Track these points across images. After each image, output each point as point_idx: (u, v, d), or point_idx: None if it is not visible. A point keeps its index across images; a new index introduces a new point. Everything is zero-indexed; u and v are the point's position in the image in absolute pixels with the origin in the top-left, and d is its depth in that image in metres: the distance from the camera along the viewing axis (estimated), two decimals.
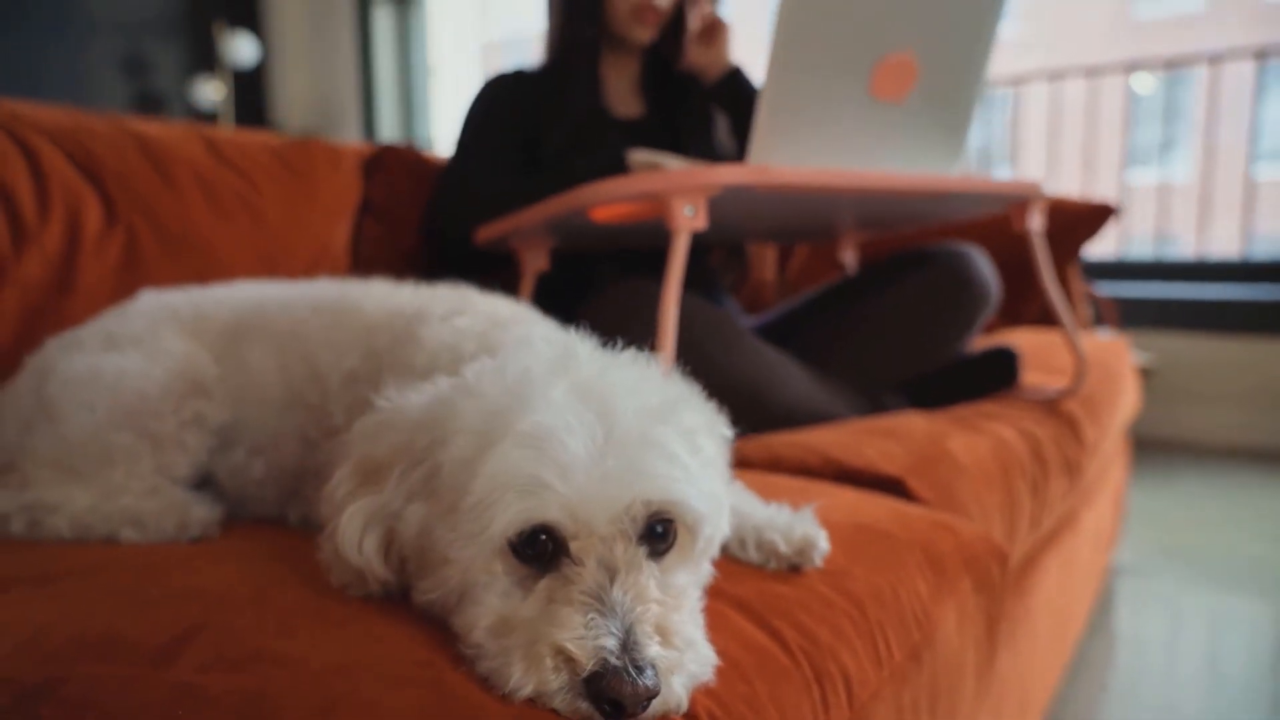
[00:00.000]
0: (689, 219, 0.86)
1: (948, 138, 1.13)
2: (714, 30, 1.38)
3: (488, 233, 1.13)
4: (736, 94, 1.38)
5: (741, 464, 0.92)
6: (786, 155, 0.99)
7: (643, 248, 1.23)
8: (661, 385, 0.48)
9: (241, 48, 5.13)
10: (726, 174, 0.86)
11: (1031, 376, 1.39)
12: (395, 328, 0.62)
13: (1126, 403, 1.64)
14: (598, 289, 1.24)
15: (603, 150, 1.15)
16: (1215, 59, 3.12)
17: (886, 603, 0.56)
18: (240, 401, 0.67)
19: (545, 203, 0.99)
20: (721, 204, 0.91)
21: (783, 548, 0.56)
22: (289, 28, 5.57)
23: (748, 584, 0.53)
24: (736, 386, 1.05)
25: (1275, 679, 1.37)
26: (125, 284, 0.93)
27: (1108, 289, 3.03)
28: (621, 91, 1.42)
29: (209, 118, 5.23)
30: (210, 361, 0.68)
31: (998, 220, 1.24)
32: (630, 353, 0.52)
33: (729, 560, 0.57)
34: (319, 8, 5.47)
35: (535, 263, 1.17)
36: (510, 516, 0.40)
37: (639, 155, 1.13)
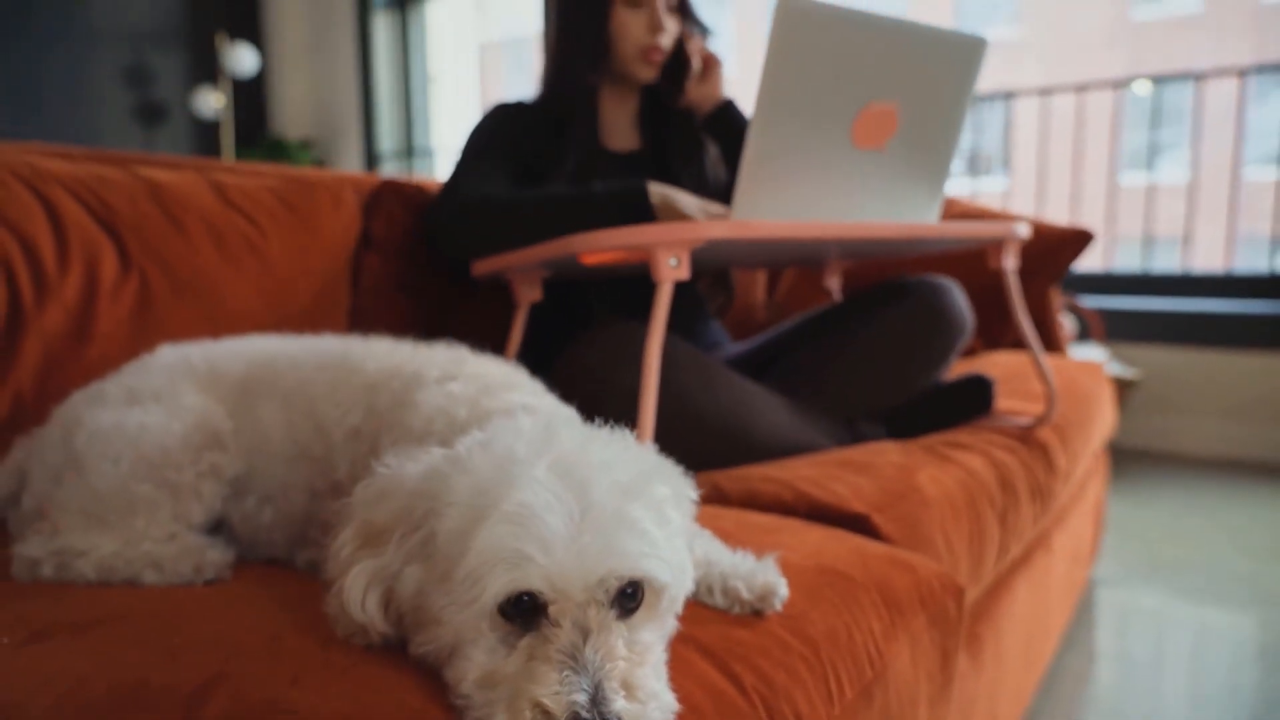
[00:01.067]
0: (673, 269, 0.92)
1: (928, 182, 1.19)
2: (709, 66, 1.44)
3: (483, 267, 1.19)
4: (728, 125, 1.44)
5: (721, 500, 0.98)
6: (770, 201, 1.04)
7: (635, 276, 1.29)
8: (634, 459, 0.53)
9: (242, 57, 5.19)
10: (711, 229, 0.92)
11: (1010, 401, 1.45)
12: (394, 389, 0.68)
13: (1102, 423, 1.70)
14: (589, 325, 1.30)
15: (628, 180, 1.20)
16: (1201, 76, 3.18)
17: (840, 643, 0.62)
18: (252, 453, 0.73)
19: (537, 246, 1.05)
20: (709, 246, 0.96)
21: (745, 594, 0.61)
22: (289, 38, 5.63)
23: (712, 629, 0.59)
24: (719, 424, 1.11)
25: (1258, 693, 1.43)
26: (139, 330, 0.98)
27: (1094, 302, 3.10)
28: (620, 127, 1.48)
29: (210, 126, 5.29)
30: (224, 415, 0.74)
31: (981, 250, 1.29)
32: (607, 429, 0.57)
33: (698, 605, 0.63)
34: (319, 17, 5.53)
35: (529, 294, 1.22)
36: (498, 587, 0.46)
37: (657, 188, 1.18)
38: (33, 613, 0.58)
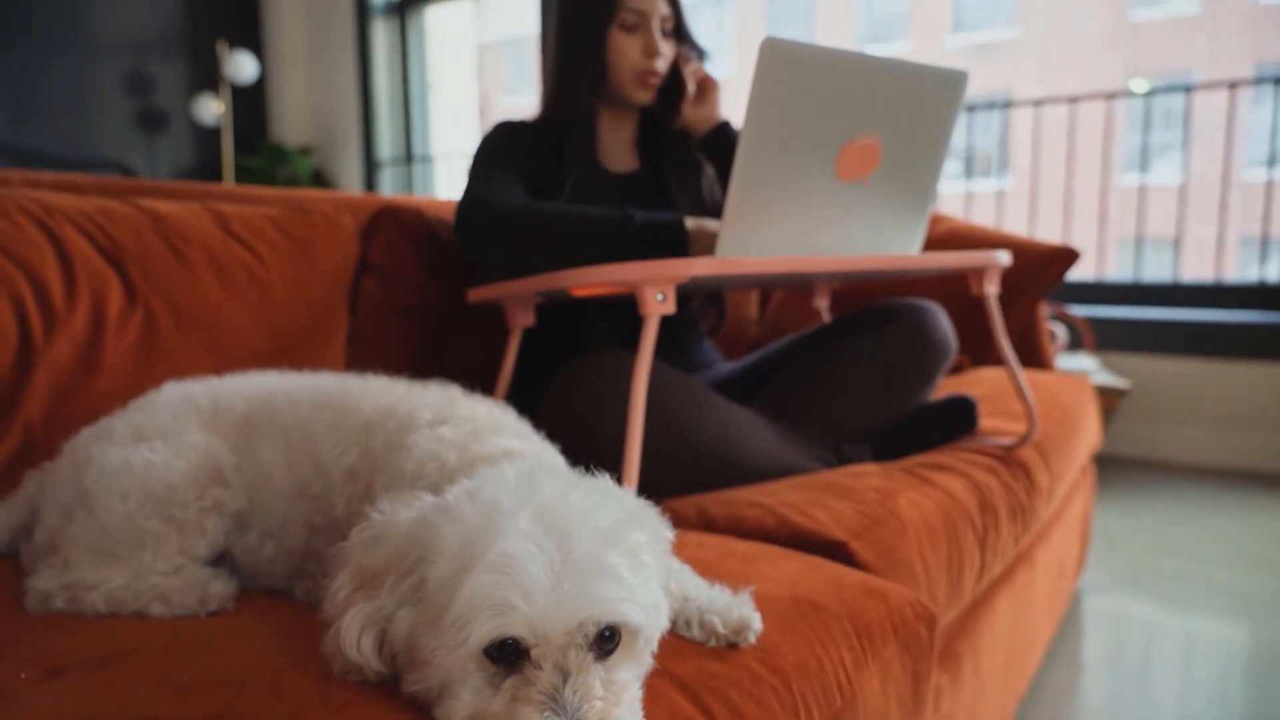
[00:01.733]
0: (660, 304, 0.96)
1: (911, 211, 1.23)
2: (705, 87, 1.47)
3: (478, 295, 1.23)
4: (724, 146, 1.47)
5: (708, 525, 1.02)
6: (756, 234, 1.08)
7: (625, 300, 1.32)
8: (613, 506, 0.57)
9: (242, 65, 5.23)
10: (696, 266, 0.95)
11: (994, 420, 1.49)
12: (388, 430, 0.71)
13: (1087, 438, 1.74)
14: (585, 344, 1.33)
15: (667, 213, 1.23)
16: (1191, 87, 3.21)
17: (811, 675, 0.65)
18: (253, 489, 0.77)
19: (532, 279, 1.09)
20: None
21: (721, 629, 0.65)
22: (289, 45, 5.67)
23: (688, 662, 0.62)
24: (707, 448, 1.15)
25: (1247, 704, 1.46)
26: (144, 361, 1.02)
27: (1085, 311, 3.13)
28: (618, 148, 1.51)
29: (210, 133, 5.33)
30: (228, 451, 0.77)
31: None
32: (588, 475, 0.61)
33: (676, 637, 0.66)
34: (318, 24, 5.56)
35: (522, 320, 1.26)
36: (484, 633, 0.49)
37: (693, 223, 1.22)
38: (49, 648, 0.62)
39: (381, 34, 5.37)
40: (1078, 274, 3.37)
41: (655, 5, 1.40)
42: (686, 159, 1.51)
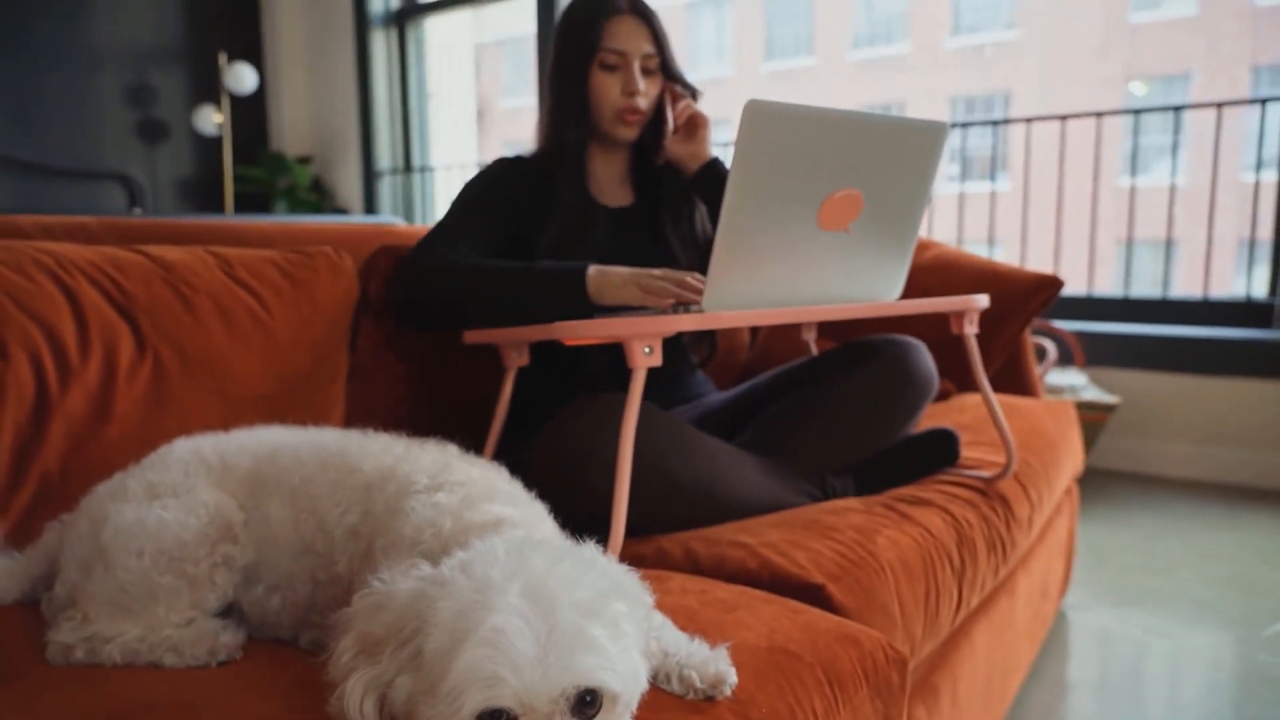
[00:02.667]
0: (647, 357, 1.00)
1: (893, 257, 1.27)
2: (694, 124, 1.52)
3: (473, 338, 1.27)
4: (715, 183, 1.51)
5: (694, 566, 1.07)
6: (741, 283, 1.13)
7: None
8: (596, 577, 0.61)
9: (242, 76, 5.27)
10: (681, 322, 1.00)
11: (977, 450, 1.53)
12: (388, 493, 0.76)
13: (1070, 463, 1.78)
14: (581, 378, 1.38)
15: (571, 263, 1.27)
16: (1180, 108, 3.26)
17: None
18: (261, 545, 0.81)
19: (523, 328, 1.13)
20: None
21: (699, 683, 0.69)
22: (288, 56, 5.72)
23: (667, 714, 0.67)
24: (695, 487, 1.19)
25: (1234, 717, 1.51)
26: (154, 408, 1.06)
27: (1075, 326, 3.18)
28: (611, 183, 1.56)
29: (210, 143, 5.38)
30: (236, 508, 0.82)
31: (956, 289, 1.37)
32: (576, 546, 0.65)
33: (656, 691, 0.71)
34: (317, 35, 5.60)
35: (517, 360, 1.30)
36: (475, 703, 0.54)
37: (596, 271, 1.24)
38: (74, 702, 0.66)
39: (381, 44, 5.41)
40: (1068, 289, 3.41)
41: (637, 45, 1.45)
42: (679, 193, 1.56)
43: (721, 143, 4.54)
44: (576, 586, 0.59)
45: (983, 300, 1.31)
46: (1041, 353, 3.10)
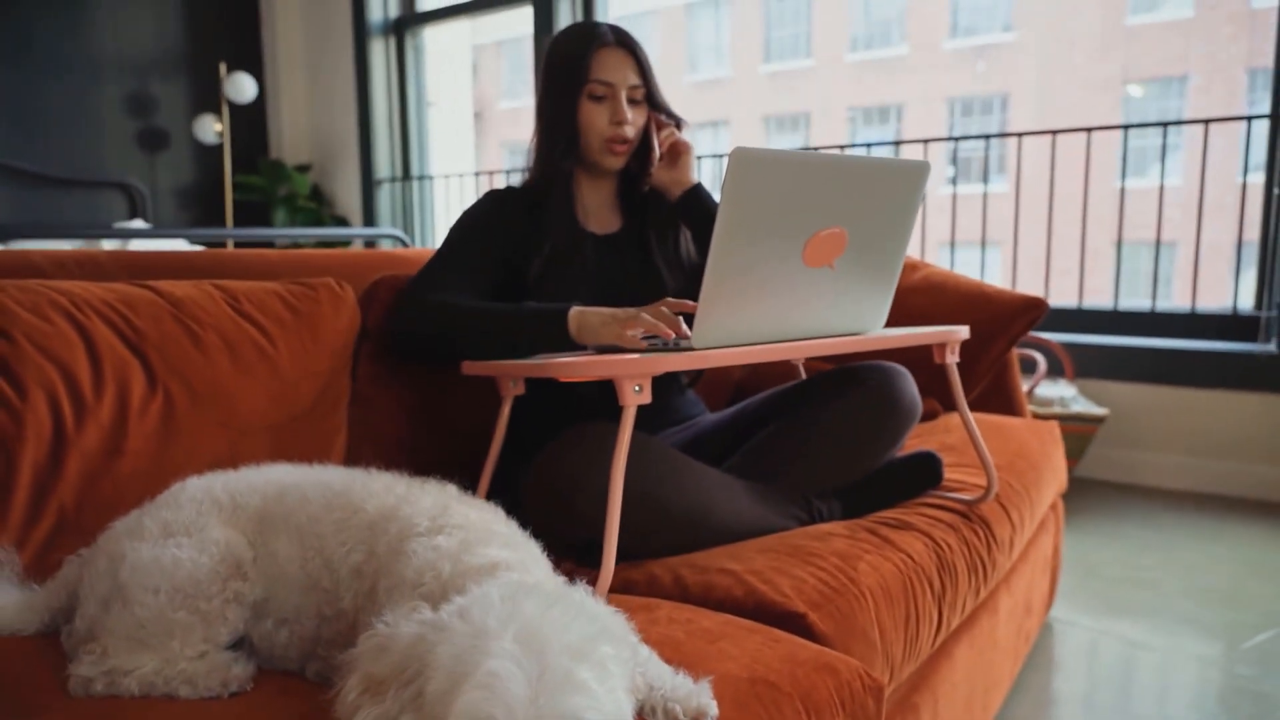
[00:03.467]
0: (636, 395, 1.05)
1: (877, 290, 1.32)
2: (677, 151, 1.57)
3: (471, 370, 1.32)
4: (698, 209, 1.56)
5: (682, 594, 1.11)
6: (729, 319, 1.17)
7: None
8: (585, 622, 0.66)
9: (242, 86, 5.32)
10: (670, 362, 1.05)
11: (960, 472, 1.58)
12: (391, 534, 0.81)
13: (1053, 483, 1.83)
14: (577, 406, 1.42)
15: (558, 304, 1.31)
16: (1167, 124, 3.30)
17: None
18: (270, 581, 0.86)
19: (518, 363, 1.18)
20: None
21: (682, 717, 0.74)
22: (287, 65, 5.77)
23: None
24: (685, 515, 1.24)
25: None
26: (164, 442, 1.11)
27: (1066, 338, 3.23)
28: (600, 210, 1.61)
29: (210, 151, 5.43)
30: (246, 546, 0.87)
31: (943, 310, 1.42)
32: (568, 591, 0.70)
33: None
34: (317, 45, 5.65)
35: (513, 390, 1.35)
36: None
37: (576, 312, 1.29)
38: None
39: (380, 53, 5.45)
40: (1059, 300, 3.46)
41: (623, 76, 1.50)
42: (665, 219, 1.61)
43: (715, 156, 4.59)
44: (566, 631, 0.64)
45: (962, 332, 1.36)
46: (1032, 365, 3.15)
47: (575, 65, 1.49)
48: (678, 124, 1.58)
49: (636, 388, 1.04)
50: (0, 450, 0.97)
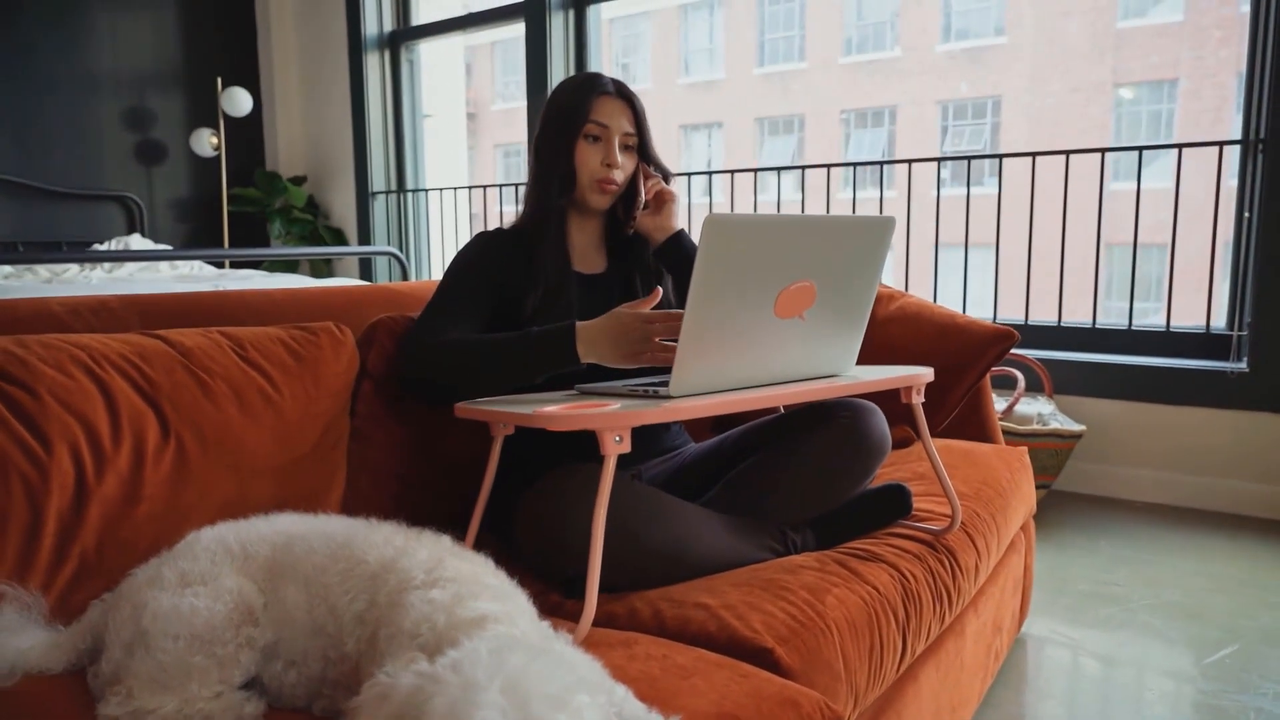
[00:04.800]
0: (617, 445, 1.13)
1: (846, 336, 1.41)
2: (662, 199, 1.66)
3: (463, 413, 1.40)
4: (679, 255, 1.65)
5: (660, 628, 1.19)
6: (705, 370, 1.25)
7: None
8: (565, 672, 0.74)
9: (238, 100, 5.39)
10: (648, 416, 1.13)
11: (931, 500, 1.66)
12: (390, 585, 0.89)
13: (1020, 509, 1.91)
14: (559, 454, 1.50)
15: (560, 323, 1.40)
16: (1143, 148, 3.39)
17: None
18: (278, 627, 0.94)
19: (506, 412, 1.26)
20: None
21: None
22: (283, 79, 5.84)
23: None
24: (665, 551, 1.32)
25: None
26: (176, 487, 1.19)
27: (1045, 355, 3.32)
28: (586, 250, 1.69)
29: (207, 164, 5.50)
30: (257, 593, 0.95)
31: (918, 340, 1.49)
32: (550, 642, 0.78)
33: None
34: (312, 59, 5.72)
35: (503, 431, 1.43)
36: None
37: (584, 328, 1.38)
38: None
39: (375, 67, 5.52)
40: (1038, 316, 3.56)
41: (618, 123, 1.59)
42: (649, 262, 1.69)
43: (707, 170, 4.66)
44: (547, 683, 0.72)
45: (927, 375, 1.44)
46: (1012, 382, 3.24)
47: (575, 109, 1.58)
48: (665, 176, 1.66)
49: (617, 438, 1.13)
50: (28, 501, 1.05)
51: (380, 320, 1.59)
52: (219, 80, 5.43)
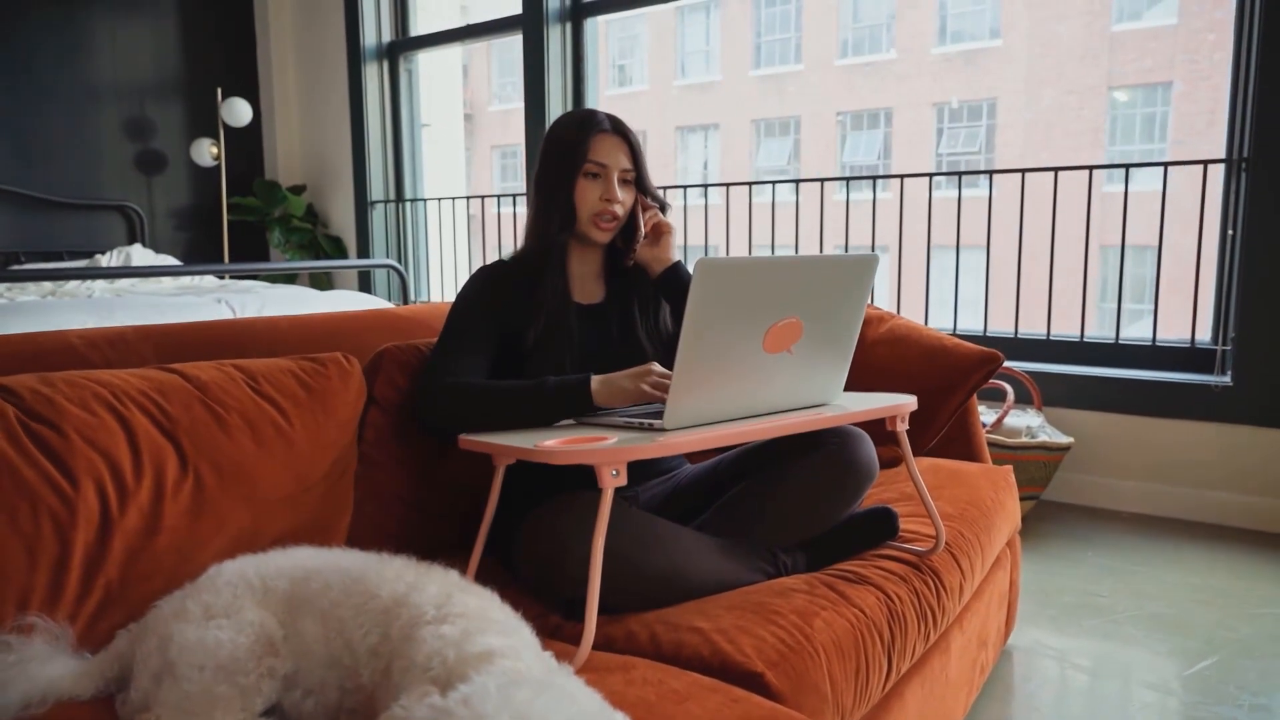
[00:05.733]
0: (614, 479, 1.19)
1: (832, 368, 1.47)
2: (659, 231, 1.72)
3: (467, 445, 1.46)
4: (676, 285, 1.71)
5: (656, 651, 1.25)
6: (698, 403, 1.32)
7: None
8: (566, 704, 0.80)
9: (237, 110, 5.45)
10: (643, 451, 1.19)
11: (917, 521, 1.72)
12: (403, 620, 0.95)
13: (1004, 528, 1.97)
14: (560, 481, 1.56)
15: (575, 377, 1.46)
16: (1130, 165, 3.45)
17: None
18: (297, 657, 1.00)
19: (511, 446, 1.32)
20: None
21: None
22: (282, 89, 5.90)
23: None
24: (660, 575, 1.38)
25: None
26: (194, 518, 1.24)
27: (1034, 368, 3.39)
28: (586, 280, 1.75)
29: (207, 173, 5.55)
30: (276, 625, 1.01)
31: (906, 362, 1.55)
32: (552, 676, 0.84)
33: None
34: (311, 69, 5.78)
35: (505, 460, 1.48)
36: None
37: (600, 382, 1.44)
38: None
39: (373, 78, 5.58)
40: (1027, 329, 3.63)
41: (616, 160, 1.65)
42: (646, 291, 1.75)
43: (703, 183, 4.72)
44: (550, 715, 0.78)
45: (910, 404, 1.51)
46: (1002, 395, 3.30)
47: (574, 147, 1.64)
48: (662, 207, 1.72)
49: (614, 472, 1.19)
50: (57, 536, 1.11)
51: (387, 350, 1.65)
52: (219, 90, 5.49)
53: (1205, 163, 3.19)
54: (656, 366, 1.44)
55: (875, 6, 17.79)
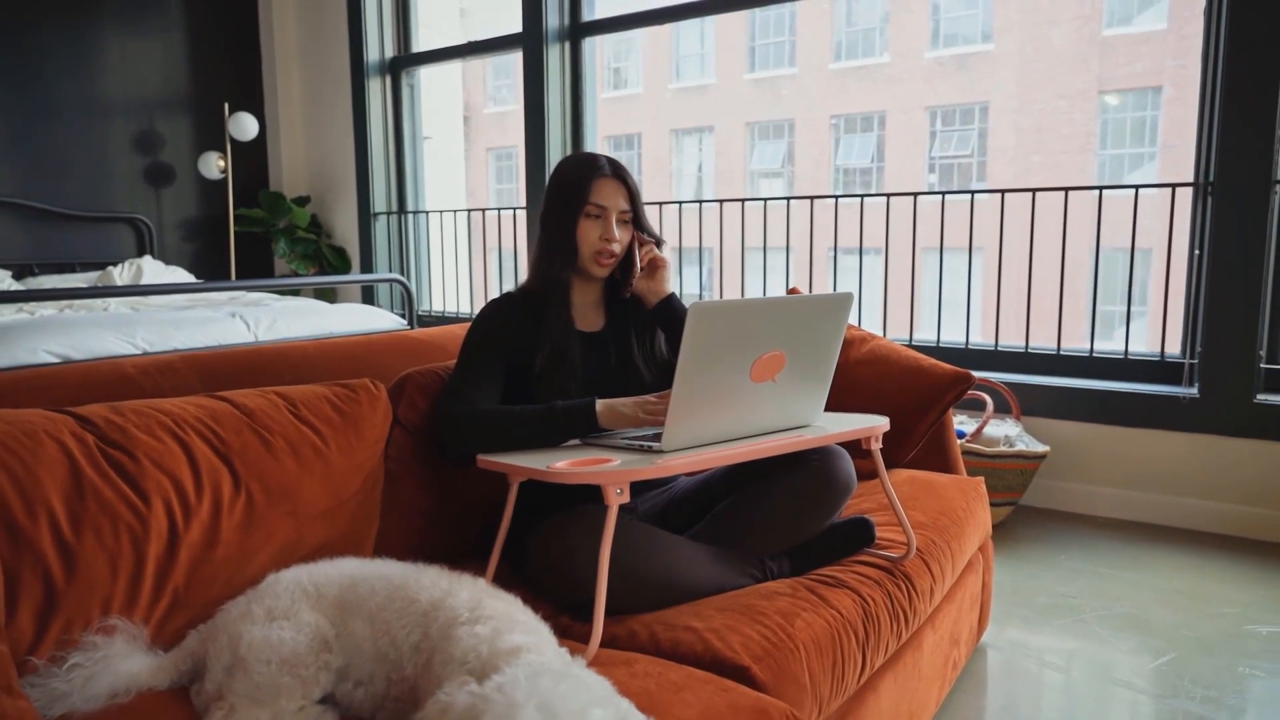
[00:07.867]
0: (618, 497, 1.36)
1: (813, 393, 1.63)
2: (655, 265, 1.88)
3: (486, 465, 1.62)
4: (671, 316, 1.87)
5: (655, 648, 1.42)
6: (692, 428, 1.48)
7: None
8: (584, 691, 0.96)
9: (244, 125, 5.60)
10: (643, 473, 1.35)
11: (892, 530, 1.89)
12: (441, 621, 1.11)
13: (975, 535, 2.14)
14: (569, 497, 1.72)
15: (580, 401, 1.63)
16: (1117, 186, 3.62)
17: None
18: (349, 654, 1.16)
19: (522, 467, 1.48)
20: None
21: None
22: (287, 104, 6.05)
23: None
24: (660, 581, 1.54)
25: None
26: (246, 532, 1.40)
27: (1013, 379, 3.55)
28: (586, 310, 1.91)
29: (214, 186, 5.70)
30: (329, 625, 1.17)
31: (886, 380, 1.70)
32: (570, 666, 1.00)
33: None
34: (316, 84, 5.92)
35: (519, 478, 1.65)
36: None
37: (604, 405, 1.61)
38: None
39: (376, 93, 5.73)
40: (1007, 341, 3.79)
41: (615, 202, 1.81)
42: (643, 323, 1.92)
43: (697, 199, 4.89)
44: (570, 700, 0.94)
45: (883, 425, 1.67)
46: (982, 405, 3.47)
47: (576, 190, 1.81)
48: (658, 242, 1.89)
49: (618, 490, 1.35)
50: (133, 549, 1.27)
51: (410, 375, 1.81)
52: (226, 105, 5.65)
53: (1174, 186, 3.36)
54: (652, 397, 1.60)
55: (868, 10, 17.97)
